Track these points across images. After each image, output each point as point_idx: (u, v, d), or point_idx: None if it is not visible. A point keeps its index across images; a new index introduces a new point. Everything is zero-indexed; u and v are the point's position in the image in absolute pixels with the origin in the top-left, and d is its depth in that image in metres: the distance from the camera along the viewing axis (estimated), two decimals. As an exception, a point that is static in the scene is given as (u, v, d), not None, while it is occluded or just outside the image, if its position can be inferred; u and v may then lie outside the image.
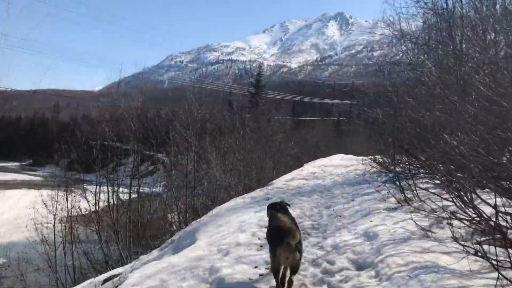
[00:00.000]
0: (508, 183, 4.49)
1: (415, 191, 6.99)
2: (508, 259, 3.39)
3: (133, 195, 17.06)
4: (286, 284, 4.06)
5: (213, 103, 19.80)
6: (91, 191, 15.96)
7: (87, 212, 15.86)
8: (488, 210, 4.40)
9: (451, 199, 4.93)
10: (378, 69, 9.97)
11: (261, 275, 4.47)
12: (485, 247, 3.77)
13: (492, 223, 4.35)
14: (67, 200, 15.16)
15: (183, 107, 15.06)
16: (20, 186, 57.91)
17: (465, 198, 4.83)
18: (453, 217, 5.07)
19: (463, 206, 4.81)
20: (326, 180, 11.03)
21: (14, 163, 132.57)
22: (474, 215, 4.62)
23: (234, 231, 6.01)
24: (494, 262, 3.42)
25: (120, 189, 16.22)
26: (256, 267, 4.68)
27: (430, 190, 6.21)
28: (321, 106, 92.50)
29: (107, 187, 15.63)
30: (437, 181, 5.70)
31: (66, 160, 17.61)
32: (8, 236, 28.38)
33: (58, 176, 17.34)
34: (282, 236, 3.94)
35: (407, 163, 8.78)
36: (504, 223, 4.17)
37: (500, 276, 3.28)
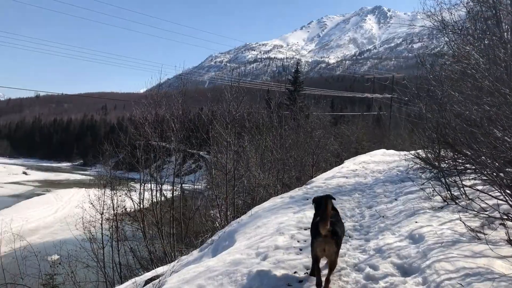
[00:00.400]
0: None
1: (462, 189, 6.64)
2: None
3: (177, 193, 17.24)
4: (323, 283, 4.11)
5: (251, 102, 19.74)
6: (135, 191, 16.25)
7: (132, 210, 16.19)
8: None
9: (503, 197, 4.63)
10: (420, 62, 9.54)
11: (300, 281, 4.34)
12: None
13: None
14: (112, 200, 15.54)
15: (221, 106, 15.08)
16: (71, 185, 60.55)
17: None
18: (506, 217, 4.75)
19: (516, 205, 4.51)
20: (367, 178, 10.66)
21: (66, 163, 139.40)
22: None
23: (273, 233, 5.89)
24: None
25: (164, 187, 16.42)
26: (295, 272, 4.54)
27: (478, 188, 5.88)
28: (361, 100, 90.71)
29: (150, 185, 15.89)
30: (485, 178, 5.36)
31: (110, 160, 17.90)
32: (61, 234, 29.63)
33: (104, 175, 17.74)
34: (318, 228, 4.08)
35: (452, 159, 8.36)
36: None
37: None
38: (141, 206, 15.50)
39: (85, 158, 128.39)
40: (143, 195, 15.69)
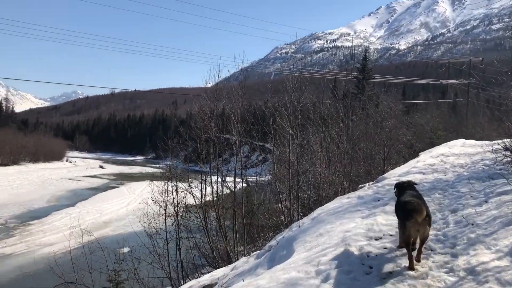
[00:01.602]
0: None
1: None
2: None
3: (239, 187, 16.70)
4: (415, 254, 4.25)
5: (315, 92, 18.69)
6: (196, 186, 15.89)
7: (193, 206, 15.90)
8: None
9: None
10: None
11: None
12: None
13: None
14: (172, 195, 15.34)
15: (283, 98, 14.31)
16: (144, 178, 62.71)
17: None
18: None
19: None
20: (448, 174, 9.24)
21: (140, 156, 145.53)
22: None
23: (337, 243, 5.02)
24: None
25: (228, 179, 15.95)
26: (364, 300, 3.68)
27: None
28: (435, 87, 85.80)
29: (210, 179, 15.49)
30: None
31: (170, 154, 17.72)
32: (132, 226, 30.44)
33: (165, 169, 17.60)
34: (411, 211, 4.20)
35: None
36: None
37: None
38: (202, 201, 15.12)
39: (157, 152, 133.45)
40: (205, 191, 15.33)
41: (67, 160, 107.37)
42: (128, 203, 45.48)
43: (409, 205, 4.28)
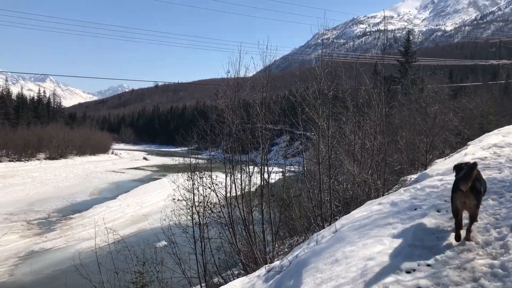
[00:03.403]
0: None
1: None
2: None
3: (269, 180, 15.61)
4: (465, 233, 4.30)
5: (356, 78, 17.23)
6: (221, 183, 14.93)
7: (219, 204, 14.99)
8: None
9: None
10: None
11: None
12: None
13: None
14: (193, 193, 14.54)
15: (311, 86, 13.03)
16: (187, 170, 62.82)
17: None
18: None
19: None
20: (504, 171, 7.23)
21: (183, 148, 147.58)
22: None
23: (354, 279, 3.77)
24: None
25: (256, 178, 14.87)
26: None
27: None
28: (484, 68, 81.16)
29: (235, 177, 14.50)
30: None
31: (202, 144, 17.01)
32: (167, 221, 30.09)
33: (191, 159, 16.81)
34: (458, 184, 4.27)
35: None
36: None
37: None
38: (227, 198, 14.15)
39: (199, 142, 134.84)
40: (230, 188, 14.36)
41: (112, 153, 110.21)
42: (168, 195, 45.48)
43: (457, 180, 4.44)
